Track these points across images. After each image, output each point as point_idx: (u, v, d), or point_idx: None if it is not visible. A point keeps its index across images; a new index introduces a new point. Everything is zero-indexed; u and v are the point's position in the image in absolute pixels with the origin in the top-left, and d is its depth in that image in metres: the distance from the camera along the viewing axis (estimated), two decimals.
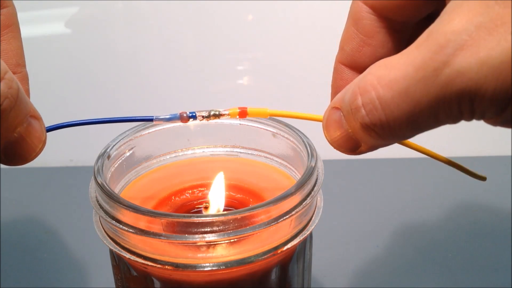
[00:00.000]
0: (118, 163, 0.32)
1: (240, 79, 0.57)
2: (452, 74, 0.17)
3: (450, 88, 0.17)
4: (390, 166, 0.57)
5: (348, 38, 0.23)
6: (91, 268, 0.42)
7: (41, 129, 0.23)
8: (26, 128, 0.22)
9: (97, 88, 0.57)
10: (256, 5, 0.53)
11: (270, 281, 0.28)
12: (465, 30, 0.17)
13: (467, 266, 0.42)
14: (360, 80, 0.20)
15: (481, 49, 0.17)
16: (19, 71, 0.25)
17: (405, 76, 0.18)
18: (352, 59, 0.23)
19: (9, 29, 0.24)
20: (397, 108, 0.19)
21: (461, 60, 0.17)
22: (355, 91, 0.20)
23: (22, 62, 0.25)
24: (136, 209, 0.25)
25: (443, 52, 0.17)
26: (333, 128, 0.22)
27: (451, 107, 0.18)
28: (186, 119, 0.27)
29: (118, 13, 0.54)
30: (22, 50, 0.25)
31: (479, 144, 0.59)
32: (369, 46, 0.23)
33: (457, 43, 0.17)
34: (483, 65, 0.17)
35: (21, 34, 0.25)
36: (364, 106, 0.20)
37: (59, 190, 0.54)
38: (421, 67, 0.18)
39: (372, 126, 0.20)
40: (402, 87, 0.18)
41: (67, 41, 0.54)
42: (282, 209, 0.26)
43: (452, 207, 0.49)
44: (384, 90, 0.19)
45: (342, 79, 0.24)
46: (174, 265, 0.25)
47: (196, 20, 0.54)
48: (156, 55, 0.55)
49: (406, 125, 0.19)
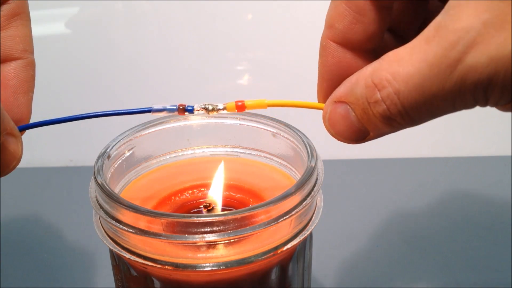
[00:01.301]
0: (118, 163, 0.32)
1: (240, 78, 0.57)
2: (465, 70, 0.19)
3: (464, 82, 0.19)
4: (390, 166, 0.57)
5: (339, 15, 0.23)
6: (91, 268, 0.42)
7: (16, 146, 0.23)
8: (1, 146, 0.22)
9: (97, 88, 0.57)
10: (256, 5, 0.53)
11: (270, 281, 0.28)
12: (473, 28, 0.18)
13: (467, 266, 0.42)
14: (373, 74, 0.21)
15: (490, 46, 0.18)
16: (25, 56, 0.25)
17: (420, 73, 0.19)
18: (344, 36, 0.23)
19: (18, 16, 0.25)
20: (415, 101, 0.20)
21: (473, 56, 0.18)
22: (370, 86, 0.21)
23: (29, 49, 0.26)
24: (136, 209, 0.25)
25: (455, 50, 0.19)
26: (339, 121, 0.23)
27: (466, 98, 0.19)
28: (183, 111, 0.27)
29: (118, 13, 0.54)
30: (31, 37, 0.26)
31: (479, 144, 0.59)
32: (361, 24, 0.23)
33: (467, 40, 0.18)
34: (492, 60, 0.18)
35: (30, 22, 0.26)
36: (384, 100, 0.21)
37: (59, 190, 0.54)
38: (434, 63, 0.19)
39: (394, 117, 0.21)
40: (418, 82, 0.20)
41: (67, 41, 0.54)
42: (282, 209, 0.26)
43: (452, 207, 0.49)
44: (400, 85, 0.20)
45: (334, 57, 0.24)
46: (174, 265, 0.25)
47: (196, 20, 0.54)
48: (156, 55, 0.55)
49: (424, 113, 0.21)
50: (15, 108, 0.25)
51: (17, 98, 0.25)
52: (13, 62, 0.25)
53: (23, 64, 0.25)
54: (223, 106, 0.27)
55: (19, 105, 0.25)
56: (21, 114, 0.25)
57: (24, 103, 0.25)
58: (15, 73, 0.25)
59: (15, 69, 0.25)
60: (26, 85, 0.25)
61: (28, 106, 0.26)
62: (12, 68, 0.25)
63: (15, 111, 0.25)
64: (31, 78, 0.26)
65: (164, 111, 0.27)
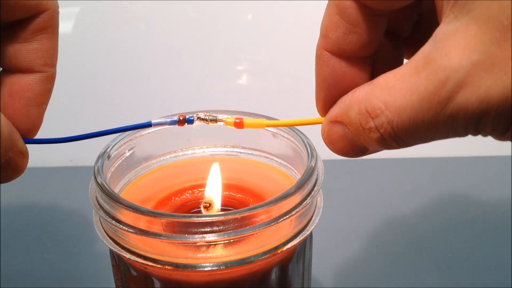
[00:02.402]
0: (118, 163, 0.32)
1: (240, 78, 0.57)
2: (456, 108, 0.19)
3: (456, 118, 0.19)
4: (390, 166, 0.57)
5: (333, 26, 0.23)
6: (91, 268, 0.42)
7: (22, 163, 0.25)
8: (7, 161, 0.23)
9: (97, 88, 0.57)
10: (256, 5, 0.53)
11: (270, 281, 0.28)
12: (463, 68, 0.18)
13: (467, 266, 0.42)
14: (366, 101, 0.21)
15: (480, 87, 0.18)
16: (45, 70, 0.26)
17: (412, 106, 0.20)
18: (338, 46, 0.24)
19: (45, 30, 0.25)
20: (408, 130, 0.20)
21: (462, 97, 0.19)
22: (364, 113, 0.21)
23: (51, 62, 0.26)
24: (136, 209, 0.25)
25: (445, 89, 0.19)
26: (337, 140, 0.24)
27: (458, 130, 0.20)
28: (183, 122, 0.27)
29: (117, 13, 0.54)
30: (55, 51, 0.26)
31: (479, 144, 0.59)
32: (355, 34, 0.23)
33: (456, 80, 0.19)
34: (483, 101, 0.18)
35: (58, 34, 0.26)
36: (378, 128, 0.21)
37: (59, 190, 0.54)
38: (425, 99, 0.19)
39: (388, 142, 0.22)
40: (410, 115, 0.20)
41: (67, 41, 0.54)
42: (282, 209, 0.26)
43: (452, 207, 0.49)
44: (393, 115, 0.20)
45: (328, 66, 0.24)
46: (174, 265, 0.25)
47: (196, 20, 0.54)
48: (156, 55, 0.55)
49: (418, 139, 0.21)
50: (26, 119, 0.25)
51: (30, 110, 0.25)
52: (32, 75, 0.25)
53: (42, 77, 0.26)
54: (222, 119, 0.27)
55: (30, 117, 0.25)
56: (31, 125, 0.26)
57: (35, 115, 0.26)
58: (32, 86, 0.25)
59: (32, 82, 0.25)
60: (41, 98, 0.26)
61: (39, 118, 0.26)
62: (30, 80, 0.25)
63: (26, 122, 0.25)
64: (47, 91, 0.26)
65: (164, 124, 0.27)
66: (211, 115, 0.27)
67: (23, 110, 0.25)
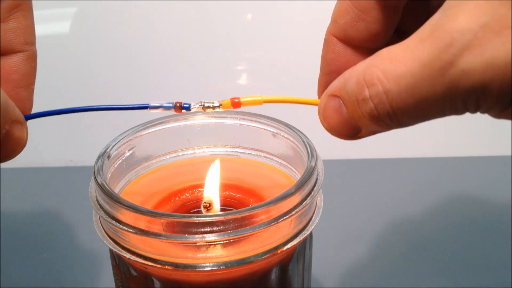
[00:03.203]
0: (118, 163, 0.32)
1: (239, 78, 0.57)
2: (458, 74, 0.18)
3: (456, 87, 0.18)
4: (390, 166, 0.57)
5: (343, 11, 0.23)
6: (91, 268, 0.42)
7: (22, 133, 0.24)
8: (6, 133, 0.22)
9: (96, 88, 0.57)
10: (256, 5, 0.53)
11: (270, 281, 0.28)
12: (470, 30, 0.17)
13: (467, 266, 0.42)
14: (365, 71, 0.20)
15: (487, 50, 0.17)
16: (26, 49, 0.25)
17: (412, 73, 0.19)
18: (345, 32, 0.23)
19: (19, 7, 0.25)
20: (404, 103, 0.19)
21: (467, 61, 0.17)
22: (360, 82, 0.21)
23: (31, 40, 0.25)
24: (136, 209, 0.25)
25: (449, 52, 0.18)
26: (332, 115, 0.23)
27: (457, 104, 0.19)
28: (179, 108, 0.27)
29: (117, 12, 0.54)
30: (33, 28, 0.26)
31: (479, 144, 0.59)
32: (363, 21, 0.23)
33: (463, 43, 0.18)
34: (488, 66, 0.17)
35: (32, 12, 0.25)
36: (372, 98, 0.20)
37: (59, 190, 0.54)
38: (426, 64, 0.18)
39: (381, 117, 0.20)
40: (409, 83, 0.19)
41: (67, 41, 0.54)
42: (282, 209, 0.26)
43: (452, 207, 0.49)
44: (390, 85, 0.19)
45: (334, 51, 0.24)
46: (174, 265, 0.25)
47: (196, 19, 0.54)
48: (155, 54, 0.55)
49: (412, 116, 0.20)
50: (17, 102, 0.25)
51: (19, 92, 0.25)
52: (14, 56, 0.25)
53: (25, 57, 0.25)
54: (218, 104, 0.27)
55: (21, 99, 0.25)
56: (23, 108, 0.25)
57: (26, 97, 0.25)
58: (17, 67, 0.25)
59: (16, 63, 0.25)
60: (28, 78, 0.25)
61: (29, 99, 0.26)
62: (14, 62, 0.25)
63: (17, 105, 0.25)
64: (33, 70, 0.26)
65: (161, 108, 0.27)
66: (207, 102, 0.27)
67: (12, 93, 0.25)
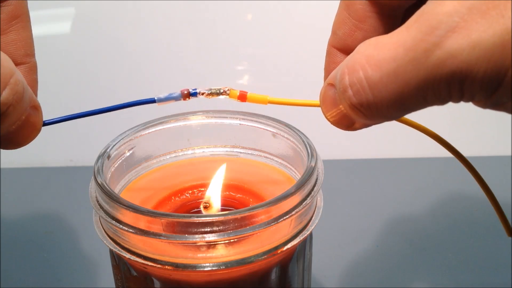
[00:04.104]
0: (118, 163, 0.32)
1: (240, 78, 0.57)
2: (443, 56, 0.17)
3: (441, 70, 0.17)
4: (390, 166, 0.57)
5: (340, 22, 0.23)
6: (91, 268, 0.42)
7: (38, 118, 0.23)
8: (24, 119, 0.22)
9: (96, 88, 0.57)
10: (256, 5, 0.53)
11: (270, 281, 0.28)
12: (457, 12, 0.17)
13: (467, 266, 0.42)
14: (349, 58, 0.20)
15: (473, 32, 0.17)
16: (27, 61, 0.25)
17: (395, 57, 0.18)
18: (344, 43, 0.23)
19: (18, 19, 0.24)
20: (385, 89, 0.19)
21: (453, 42, 0.17)
22: (343, 70, 0.20)
23: (31, 52, 0.25)
24: (136, 209, 0.25)
25: (434, 34, 0.17)
26: (329, 104, 0.22)
27: (440, 89, 0.18)
28: (187, 95, 0.27)
29: (117, 13, 0.54)
30: (32, 39, 0.26)
31: (479, 144, 0.59)
32: (361, 31, 0.23)
33: (449, 25, 0.17)
34: (475, 47, 0.17)
35: (30, 23, 0.25)
36: (351, 86, 0.20)
37: (59, 190, 0.54)
38: (411, 48, 0.18)
39: (358, 106, 0.20)
40: (391, 67, 0.18)
41: (67, 41, 0.54)
42: (282, 209, 0.26)
43: (452, 207, 0.49)
44: (372, 70, 0.19)
45: (335, 62, 0.24)
46: (174, 265, 0.25)
47: (196, 19, 0.54)
48: (156, 55, 0.55)
49: (393, 105, 0.19)
50: None
51: None
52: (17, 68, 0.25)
53: (26, 69, 0.25)
54: (227, 89, 0.27)
55: None
56: None
57: None
58: None
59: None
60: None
61: None
62: None
63: None
64: (34, 82, 0.26)
65: (169, 100, 0.27)
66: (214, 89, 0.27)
67: None
